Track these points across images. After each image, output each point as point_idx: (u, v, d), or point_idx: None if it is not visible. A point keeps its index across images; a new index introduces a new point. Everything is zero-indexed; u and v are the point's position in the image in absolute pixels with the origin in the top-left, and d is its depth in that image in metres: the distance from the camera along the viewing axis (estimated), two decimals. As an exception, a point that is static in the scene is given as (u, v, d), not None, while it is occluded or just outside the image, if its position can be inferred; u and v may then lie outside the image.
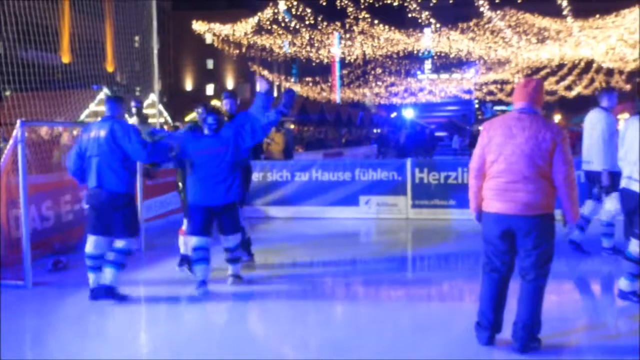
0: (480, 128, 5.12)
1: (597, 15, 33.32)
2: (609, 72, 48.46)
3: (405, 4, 32.09)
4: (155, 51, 12.62)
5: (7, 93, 10.77)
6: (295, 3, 34.89)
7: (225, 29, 37.94)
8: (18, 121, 7.18)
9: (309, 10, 36.09)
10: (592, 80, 51.02)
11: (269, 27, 37.88)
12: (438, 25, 36.81)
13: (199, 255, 6.79)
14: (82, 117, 21.26)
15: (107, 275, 6.46)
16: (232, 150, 6.85)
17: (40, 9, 11.15)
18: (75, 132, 10.86)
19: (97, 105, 25.16)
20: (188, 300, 6.69)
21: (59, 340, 5.44)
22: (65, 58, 14.15)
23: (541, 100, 4.81)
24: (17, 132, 7.12)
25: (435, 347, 5.04)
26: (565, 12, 30.98)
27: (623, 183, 6.22)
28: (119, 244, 6.52)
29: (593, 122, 8.25)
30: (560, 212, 4.81)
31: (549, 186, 4.71)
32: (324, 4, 31.68)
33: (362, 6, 34.07)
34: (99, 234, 6.57)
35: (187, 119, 47.01)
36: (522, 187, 4.71)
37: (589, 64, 46.25)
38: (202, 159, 6.79)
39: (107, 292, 6.45)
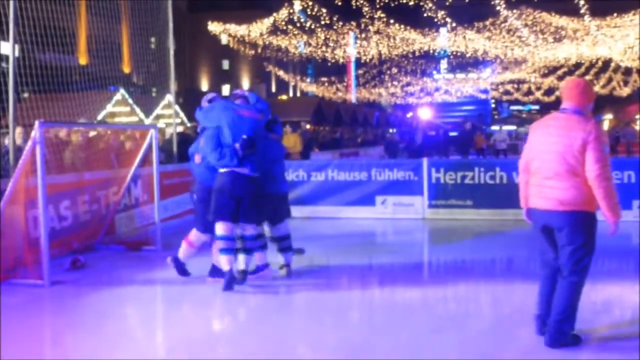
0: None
1: (615, 14, 33.05)
2: (627, 71, 48.08)
3: (421, 4, 32.01)
4: (172, 52, 12.70)
5: (26, 95, 10.87)
6: (310, 3, 34.92)
7: (240, 30, 38.06)
8: (36, 122, 7.24)
9: (324, 10, 36.11)
10: (609, 80, 50.65)
11: (285, 28, 37.94)
12: (454, 24, 36.69)
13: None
14: (100, 117, 21.43)
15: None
16: None
17: (58, 12, 11.25)
18: (92, 133, 10.94)
19: (114, 106, 25.36)
20: (203, 299, 6.71)
21: (77, 339, 5.47)
22: (83, 60, 14.27)
23: (584, 100, 4.86)
24: (35, 133, 7.18)
25: (451, 347, 5.02)
26: (582, 11, 30.78)
27: None
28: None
29: None
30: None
31: (584, 184, 4.73)
32: (340, 4, 31.68)
33: (378, 6, 34.04)
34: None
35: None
36: (554, 183, 4.83)
37: (607, 63, 45.92)
38: None
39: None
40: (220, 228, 6.76)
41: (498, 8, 32.45)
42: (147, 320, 6.24)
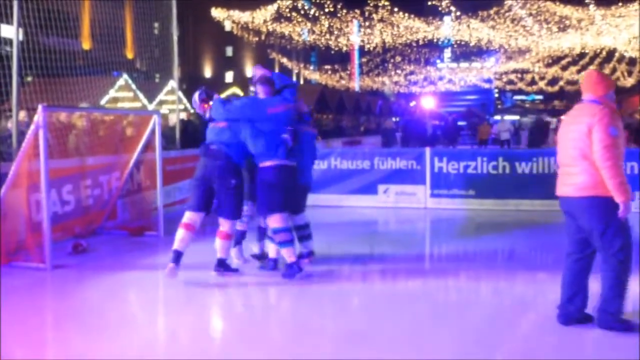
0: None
1: (620, 3, 32.90)
2: (632, 61, 47.92)
3: (425, -8, 31.87)
4: (175, 38, 12.67)
5: (29, 79, 10.86)
6: (314, -10, 34.79)
7: (244, 16, 37.97)
8: (39, 106, 7.23)
9: (328, -2, 35.98)
10: (614, 70, 50.46)
11: (289, 15, 37.83)
12: (458, 13, 36.57)
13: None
14: (102, 102, 21.42)
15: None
16: None
17: (62, -4, 11.23)
18: (92, 117, 10.93)
19: (117, 91, 25.35)
20: (205, 284, 6.73)
21: (78, 323, 5.50)
22: (86, 44, 14.25)
23: (599, 90, 5.03)
24: (38, 117, 7.18)
25: (452, 336, 5.03)
26: (587, 0, 30.65)
27: None
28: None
29: None
30: None
31: (595, 168, 4.84)
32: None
33: (382, -6, 33.91)
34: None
35: (207, 105, 47.12)
36: (571, 169, 5.01)
37: (611, 53, 45.76)
38: None
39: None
40: (278, 220, 6.69)
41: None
42: (148, 305, 6.26)
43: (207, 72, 67.91)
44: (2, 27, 10.58)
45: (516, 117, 68.05)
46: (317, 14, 38.23)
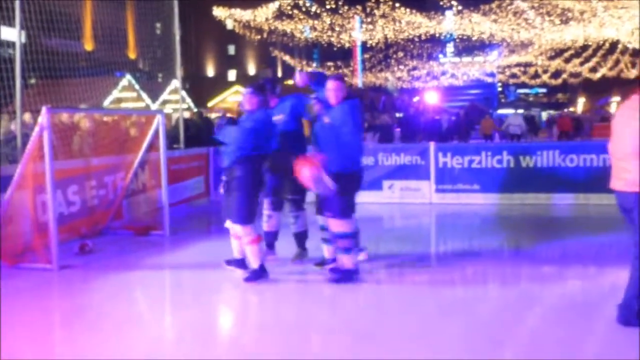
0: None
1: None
2: (635, 53, 47.70)
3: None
4: (178, 37, 12.68)
5: (33, 81, 10.89)
6: (316, -13, 34.79)
7: (246, 15, 37.96)
8: (43, 108, 7.25)
9: (329, -5, 35.95)
10: (617, 62, 50.28)
11: (290, 12, 37.81)
12: (460, 7, 36.49)
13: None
14: (106, 103, 21.46)
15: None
16: None
17: (63, -3, 11.25)
18: (96, 118, 10.96)
19: (120, 91, 25.38)
20: (211, 284, 6.74)
21: (85, 323, 5.51)
22: (88, 46, 14.26)
23: None
24: (42, 118, 7.20)
25: (459, 331, 5.03)
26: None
27: None
28: None
29: None
30: None
31: None
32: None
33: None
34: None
35: (210, 104, 47.15)
36: (620, 163, 4.87)
37: (614, 45, 45.58)
38: None
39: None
40: (346, 226, 6.49)
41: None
42: (154, 304, 6.28)
43: (210, 70, 67.87)
44: (5, 29, 10.59)
45: (520, 111, 67.97)
46: (318, 11, 38.20)
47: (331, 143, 6.40)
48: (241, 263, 6.86)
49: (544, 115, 42.69)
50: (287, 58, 53.48)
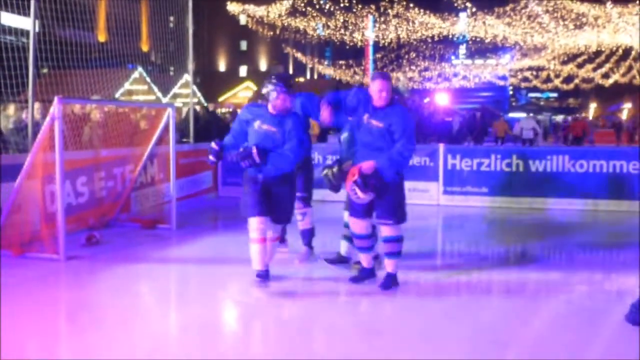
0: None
1: (637, 1, 32.63)
2: (648, 60, 47.48)
3: (441, -13, 31.75)
4: (191, 32, 12.70)
5: (45, 70, 10.92)
6: (330, -15, 34.76)
7: (259, 11, 37.98)
8: (55, 98, 7.27)
9: (343, -7, 35.93)
10: (630, 68, 50.05)
11: (304, 9, 37.80)
12: (474, 9, 36.40)
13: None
14: (117, 95, 21.51)
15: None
16: None
17: (78, -12, 11.26)
18: (106, 109, 11.00)
19: (131, 84, 25.42)
20: (217, 278, 6.75)
21: (91, 314, 5.53)
22: (102, 37, 14.30)
23: None
24: (54, 108, 7.22)
25: (464, 334, 5.02)
26: (604, -2, 30.43)
27: None
28: None
29: None
30: None
31: None
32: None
33: (398, -11, 33.83)
34: None
35: (221, 99, 47.20)
36: None
37: (628, 51, 45.37)
38: None
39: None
40: (396, 230, 6.25)
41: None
42: (160, 298, 6.30)
43: (222, 65, 67.98)
44: (19, 18, 10.63)
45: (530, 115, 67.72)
46: (332, 9, 38.18)
47: (382, 149, 6.00)
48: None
49: (558, 119, 42.57)
50: (299, 55, 53.49)
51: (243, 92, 54.53)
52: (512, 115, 66.54)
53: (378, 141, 6.02)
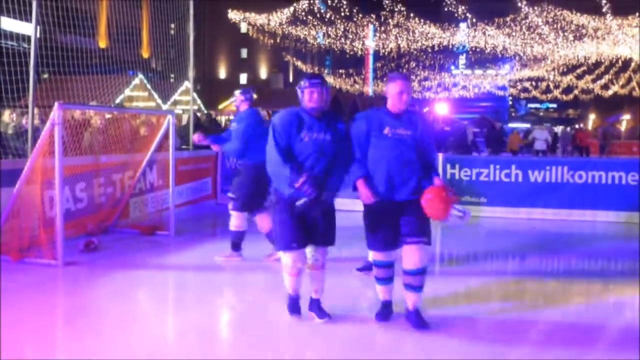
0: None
1: (637, 13, 32.76)
2: (648, 72, 47.59)
3: (442, -2, 31.88)
4: (192, 39, 12.73)
5: (45, 76, 10.94)
6: (330, -6, 34.87)
7: (260, 19, 38.05)
8: (55, 104, 7.28)
9: (344, 2, 36.03)
10: (629, 80, 50.15)
11: (304, 18, 37.88)
12: (474, 19, 36.50)
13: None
14: (118, 101, 21.54)
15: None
16: None
17: (80, -6, 11.30)
18: (107, 116, 11.01)
19: (132, 90, 25.48)
20: (215, 285, 6.75)
21: (88, 320, 5.53)
22: (102, 43, 14.34)
23: None
24: (54, 114, 7.23)
25: (460, 344, 5.02)
26: (604, 9, 30.53)
27: None
28: None
29: None
30: None
31: None
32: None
33: (398, -1, 33.95)
34: None
35: (220, 106, 47.23)
36: None
37: (627, 62, 45.47)
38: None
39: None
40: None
41: (519, 4, 32.26)
42: (158, 304, 6.29)
43: (222, 73, 68.07)
44: (21, 24, 10.66)
45: (527, 125, 67.82)
46: (332, 18, 38.26)
47: (412, 161, 5.29)
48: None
49: (558, 130, 42.66)
50: (299, 63, 53.57)
51: (243, 100, 54.45)
52: (512, 125, 66.67)
53: (407, 153, 5.26)
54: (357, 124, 5.44)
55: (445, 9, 34.06)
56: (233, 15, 38.71)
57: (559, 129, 43.92)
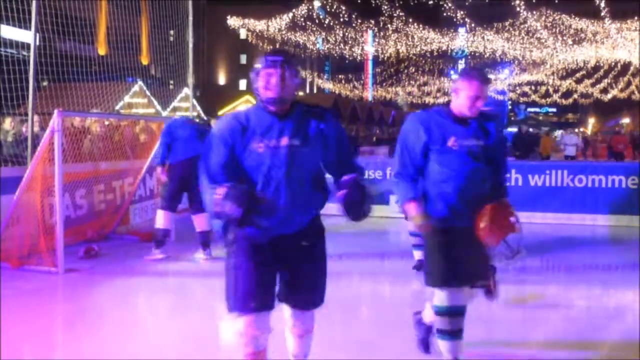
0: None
1: (636, 17, 32.82)
2: (647, 76, 47.66)
3: (441, 3, 31.93)
4: (191, 45, 12.74)
5: (45, 83, 10.95)
6: (329, 0, 34.91)
7: (259, 25, 38.13)
8: (55, 111, 7.29)
9: (343, 8, 36.11)
10: (628, 84, 50.23)
11: (303, 24, 37.97)
12: (473, 24, 36.57)
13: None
14: (117, 108, 21.55)
15: None
16: None
17: (79, 2, 11.32)
18: (107, 123, 11.02)
19: (131, 97, 25.49)
20: (214, 292, 6.73)
21: (89, 326, 5.52)
22: (102, 50, 14.35)
23: None
24: (54, 121, 7.24)
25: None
26: (603, 13, 30.58)
27: None
28: None
29: None
30: None
31: None
32: (359, 1, 31.68)
33: (397, 4, 33.99)
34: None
35: (220, 113, 47.24)
36: None
37: (626, 66, 45.55)
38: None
39: None
40: None
41: (518, 9, 32.32)
42: (158, 310, 6.28)
43: (222, 79, 68.15)
44: (20, 32, 10.68)
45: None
46: (331, 24, 38.34)
47: (484, 176, 4.31)
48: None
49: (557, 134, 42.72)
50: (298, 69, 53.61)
51: (243, 106, 54.67)
52: (511, 129, 66.65)
53: (477, 168, 4.24)
54: (411, 132, 4.27)
55: (444, 14, 34.13)
56: (232, 21, 38.80)
57: (558, 133, 43.87)
